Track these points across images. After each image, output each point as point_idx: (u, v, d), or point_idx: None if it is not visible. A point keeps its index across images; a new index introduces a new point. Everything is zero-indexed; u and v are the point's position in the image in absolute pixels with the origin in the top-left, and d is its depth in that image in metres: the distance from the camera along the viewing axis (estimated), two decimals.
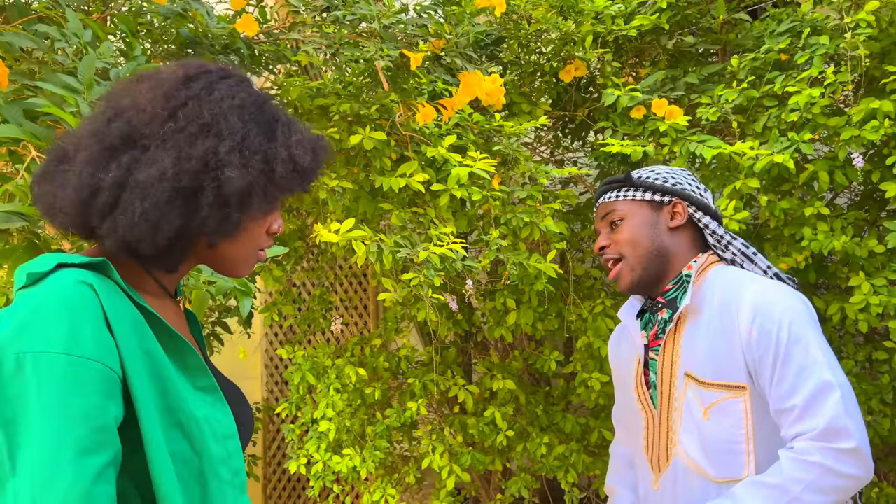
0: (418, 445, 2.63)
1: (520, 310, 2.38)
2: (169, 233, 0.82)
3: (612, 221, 1.42)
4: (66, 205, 0.82)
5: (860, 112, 1.99)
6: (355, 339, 2.83)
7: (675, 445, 1.35)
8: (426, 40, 2.05)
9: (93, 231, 0.84)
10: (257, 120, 0.88)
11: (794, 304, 1.26)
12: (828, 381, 1.20)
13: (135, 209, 0.80)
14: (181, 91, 0.85)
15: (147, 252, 0.83)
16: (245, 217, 0.88)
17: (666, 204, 1.40)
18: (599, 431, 2.58)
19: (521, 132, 2.20)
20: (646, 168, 1.47)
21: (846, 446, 1.17)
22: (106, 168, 0.81)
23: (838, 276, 2.32)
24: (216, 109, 0.84)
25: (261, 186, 0.86)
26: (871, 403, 2.38)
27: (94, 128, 0.84)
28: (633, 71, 2.60)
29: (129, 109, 0.84)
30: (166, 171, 0.81)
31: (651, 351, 1.42)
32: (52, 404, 0.72)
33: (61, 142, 0.87)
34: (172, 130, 0.83)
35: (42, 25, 1.26)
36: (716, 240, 1.41)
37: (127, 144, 0.82)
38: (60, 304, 0.76)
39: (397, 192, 2.02)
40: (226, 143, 0.84)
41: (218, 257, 0.92)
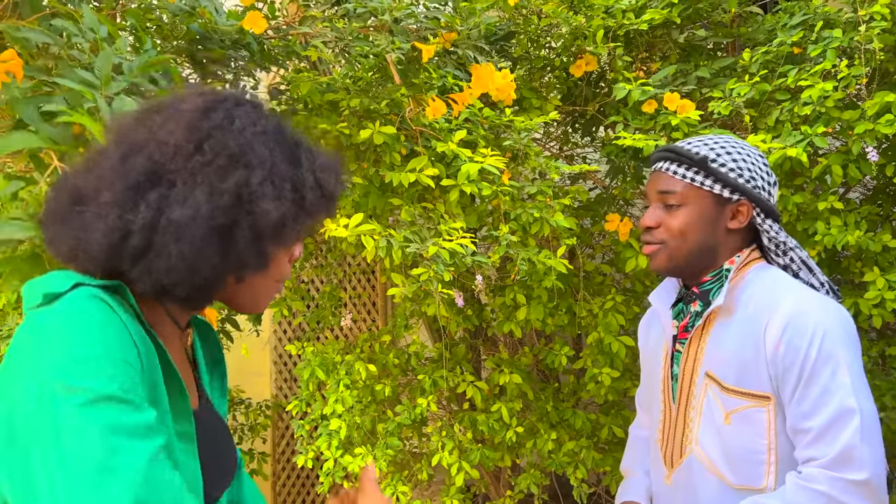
0: (428, 442, 2.63)
1: (530, 305, 2.37)
2: (206, 273, 0.79)
3: (668, 202, 1.31)
4: (92, 249, 0.77)
5: (874, 106, 1.98)
6: (365, 335, 2.83)
7: (690, 443, 1.32)
8: (436, 34, 2.04)
9: (120, 274, 0.79)
10: (281, 146, 0.85)
11: (830, 319, 1.19)
12: (849, 407, 1.14)
13: (171, 251, 0.76)
14: (203, 122, 0.81)
15: (181, 294, 0.80)
16: (277, 248, 0.85)
17: (732, 202, 1.29)
18: (610, 428, 2.57)
19: (531, 127, 2.19)
20: (719, 141, 1.31)
21: (856, 477, 1.12)
22: (134, 209, 0.77)
23: (852, 271, 2.30)
24: (241, 140, 0.81)
25: (293, 216, 0.83)
26: (884, 399, 2.37)
27: (111, 164, 0.80)
28: (643, 65, 2.58)
29: (147, 144, 0.80)
30: (200, 208, 0.77)
31: (678, 343, 1.38)
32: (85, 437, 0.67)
33: (72, 179, 0.82)
34: (200, 164, 0.79)
35: (58, 20, 1.26)
36: (774, 244, 1.32)
37: (152, 181, 0.78)
38: (93, 332, 0.71)
39: (407, 188, 2.01)
40: (256, 174, 0.80)
41: (242, 292, 0.88)
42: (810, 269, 1.33)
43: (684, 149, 1.30)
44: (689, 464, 1.33)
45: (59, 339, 0.70)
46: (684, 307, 1.38)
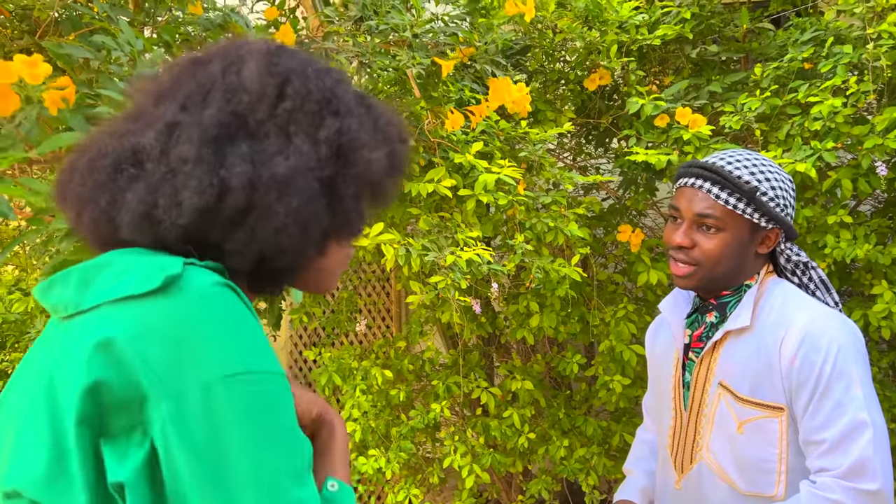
0: (441, 447, 2.68)
1: (543, 313, 2.42)
2: (316, 234, 0.69)
3: (705, 224, 1.29)
4: (182, 213, 0.64)
5: (883, 121, 2.02)
6: (380, 341, 2.88)
7: (700, 449, 1.36)
8: (455, 49, 2.10)
9: (200, 250, 0.67)
10: (356, 95, 0.76)
11: (843, 336, 1.23)
12: (862, 420, 1.18)
13: (278, 210, 0.65)
14: (276, 65, 0.71)
15: (284, 265, 0.70)
16: (372, 206, 0.76)
17: (766, 230, 1.31)
18: (621, 435, 2.61)
19: (545, 139, 2.24)
20: (758, 165, 1.30)
21: (869, 487, 1.15)
22: (224, 163, 0.65)
23: (862, 283, 2.33)
24: (322, 85, 0.72)
25: (388, 168, 0.75)
26: (894, 411, 2.39)
27: (171, 118, 0.68)
28: (656, 79, 2.63)
29: (212, 93, 0.69)
30: (305, 159, 0.68)
31: (691, 352, 1.41)
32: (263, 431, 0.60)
33: (114, 141, 0.69)
34: (288, 112, 0.69)
35: (97, 36, 1.33)
36: (793, 265, 1.36)
37: (236, 133, 0.67)
38: (235, 315, 0.62)
39: (425, 198, 2.07)
40: (349, 122, 0.71)
41: (320, 267, 0.77)
42: (827, 288, 1.37)
43: (731, 174, 1.28)
44: (699, 470, 1.37)
45: (222, 327, 0.61)
46: (699, 317, 1.41)
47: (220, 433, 0.58)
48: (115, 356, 0.58)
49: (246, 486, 0.58)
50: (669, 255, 1.36)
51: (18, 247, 2.72)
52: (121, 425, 0.59)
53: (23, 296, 2.59)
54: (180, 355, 0.58)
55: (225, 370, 0.59)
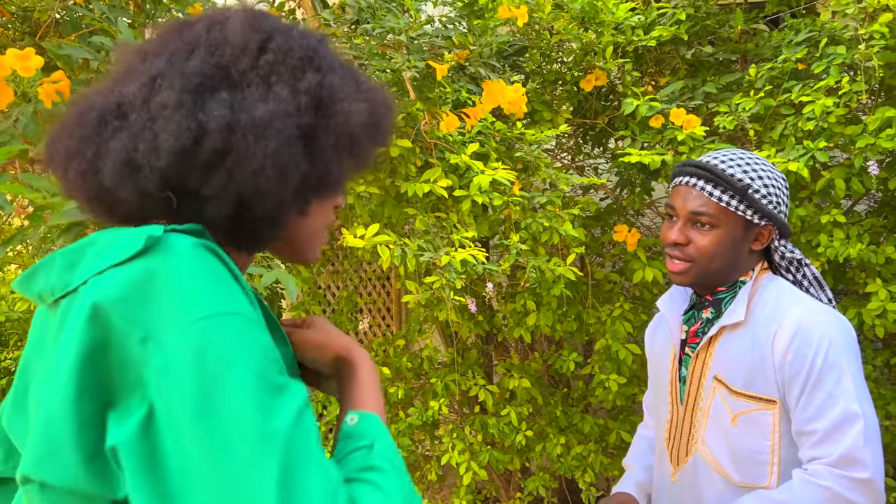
0: (440, 444, 2.70)
1: (539, 312, 2.44)
2: (295, 180, 0.69)
3: (700, 222, 1.32)
4: (159, 157, 0.65)
5: (876, 121, 2.03)
6: (379, 339, 2.91)
7: (696, 442, 1.38)
8: (450, 51, 2.12)
9: (181, 196, 0.68)
10: (340, 60, 0.77)
11: (834, 330, 1.26)
12: (853, 412, 1.20)
13: (255, 152, 0.66)
14: (261, 23, 0.73)
15: (263, 210, 0.69)
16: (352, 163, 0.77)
17: (760, 226, 1.33)
18: (618, 433, 2.63)
19: (541, 140, 2.26)
20: (751, 163, 1.32)
21: (860, 476, 1.18)
22: (203, 108, 0.66)
23: (856, 282, 2.35)
24: (304, 43, 0.73)
25: (370, 125, 0.76)
26: (889, 408, 2.41)
27: (156, 71, 0.69)
28: (652, 80, 2.65)
29: (197, 48, 0.70)
30: (284, 104, 0.68)
31: (687, 347, 1.43)
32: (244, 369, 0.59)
33: (100, 96, 0.70)
34: (270, 63, 0.70)
35: (97, 37, 1.36)
36: (787, 261, 1.38)
37: (218, 82, 0.68)
38: (209, 266, 0.63)
39: (421, 198, 2.09)
40: (331, 76, 0.73)
41: (301, 231, 0.78)
42: (821, 285, 1.39)
43: (724, 172, 1.30)
44: (694, 462, 1.39)
45: (194, 280, 0.61)
46: (696, 313, 1.44)
47: (203, 374, 0.58)
48: (104, 321, 0.59)
49: (231, 430, 0.57)
50: (665, 252, 1.39)
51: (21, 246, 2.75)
52: (119, 388, 0.60)
53: None
54: (159, 308, 0.59)
55: (198, 313, 0.59)
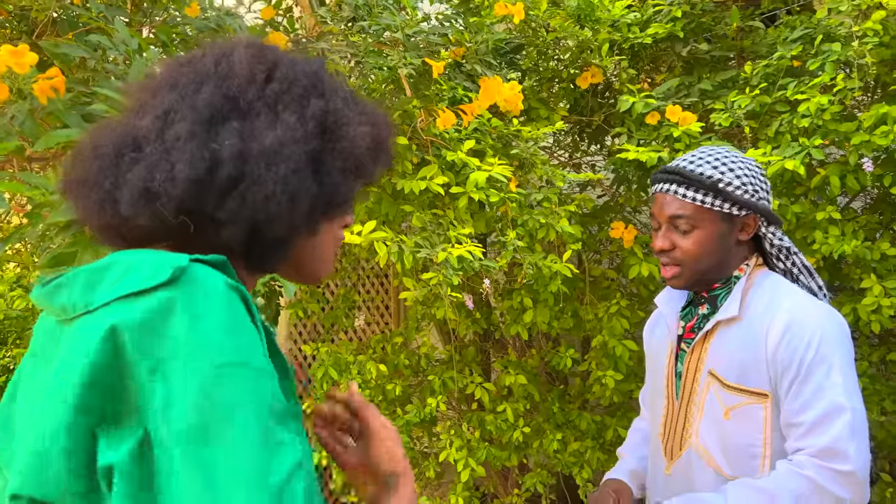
0: (438, 441, 2.71)
1: (536, 309, 2.45)
2: (305, 204, 0.72)
3: (679, 226, 1.34)
4: (175, 186, 0.68)
5: (870, 118, 2.04)
6: (377, 336, 2.91)
7: (690, 436, 1.40)
8: (447, 48, 2.13)
9: (196, 222, 0.70)
10: (342, 84, 0.81)
11: (827, 324, 1.27)
12: (840, 404, 1.21)
13: (267, 179, 0.69)
14: (265, 54, 0.76)
15: (275, 235, 0.72)
16: (358, 184, 0.81)
17: (741, 217, 1.33)
18: (615, 429, 2.63)
19: (538, 137, 2.27)
20: (720, 158, 1.34)
21: (842, 468, 1.19)
22: (216, 138, 0.70)
23: (851, 278, 2.36)
24: (308, 70, 0.77)
25: (373, 148, 0.79)
26: (884, 404, 2.41)
27: (168, 105, 0.73)
28: (648, 77, 2.66)
29: (206, 81, 0.73)
30: (293, 132, 0.72)
31: (683, 342, 1.45)
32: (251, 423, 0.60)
33: (112, 132, 0.74)
34: (277, 92, 0.74)
35: (93, 36, 1.37)
36: (777, 249, 1.38)
37: (228, 112, 0.72)
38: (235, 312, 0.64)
39: (418, 195, 2.10)
40: (335, 102, 0.76)
41: (311, 250, 0.81)
42: (810, 272, 1.40)
43: (693, 172, 1.32)
44: (688, 456, 1.40)
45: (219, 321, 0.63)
46: (692, 309, 1.46)
47: (206, 419, 0.59)
48: (118, 344, 0.60)
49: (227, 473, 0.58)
50: (659, 260, 1.41)
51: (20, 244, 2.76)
52: (118, 411, 0.61)
53: (24, 293, 2.62)
54: (175, 343, 0.60)
55: (220, 359, 0.60)
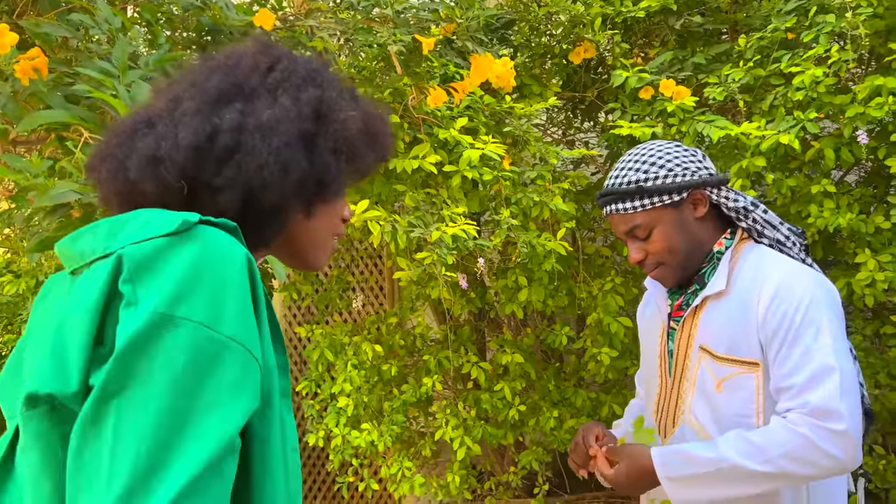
0: (434, 421, 2.71)
1: (531, 287, 2.44)
2: (297, 175, 0.79)
3: (638, 235, 1.37)
4: (178, 152, 0.75)
5: (865, 89, 2.02)
6: (372, 317, 2.91)
7: (682, 413, 1.40)
8: (438, 25, 2.10)
9: (195, 189, 0.76)
10: (343, 83, 0.88)
11: (815, 288, 1.28)
12: (830, 365, 1.22)
13: (262, 149, 0.76)
14: (270, 50, 0.85)
15: (268, 202, 0.78)
16: (349, 171, 0.87)
17: (686, 199, 1.35)
18: (610, 406, 2.64)
19: (531, 114, 2.25)
20: (639, 158, 1.38)
21: (836, 427, 1.20)
22: (218, 114, 0.78)
23: (846, 252, 2.36)
24: (308, 66, 0.85)
25: (365, 137, 0.86)
26: (878, 377, 2.43)
27: (180, 89, 0.82)
28: (642, 51, 2.63)
29: (216, 71, 0.82)
30: (288, 111, 0.79)
31: (672, 321, 1.46)
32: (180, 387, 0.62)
33: (131, 115, 0.82)
34: (278, 80, 0.82)
35: (75, 15, 1.34)
36: (734, 212, 1.39)
37: (232, 95, 0.80)
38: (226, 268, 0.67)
39: (411, 174, 2.08)
40: (330, 92, 0.84)
41: (306, 235, 0.87)
42: (773, 225, 1.40)
43: (621, 186, 1.36)
44: (681, 432, 1.41)
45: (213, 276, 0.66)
46: (680, 287, 1.46)
47: (117, 381, 0.61)
48: (116, 275, 0.66)
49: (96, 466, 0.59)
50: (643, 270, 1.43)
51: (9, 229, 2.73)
52: (109, 338, 0.65)
53: (14, 278, 2.60)
54: (158, 284, 0.64)
55: (175, 311, 0.63)
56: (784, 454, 1.21)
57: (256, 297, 0.70)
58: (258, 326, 0.70)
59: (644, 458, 1.31)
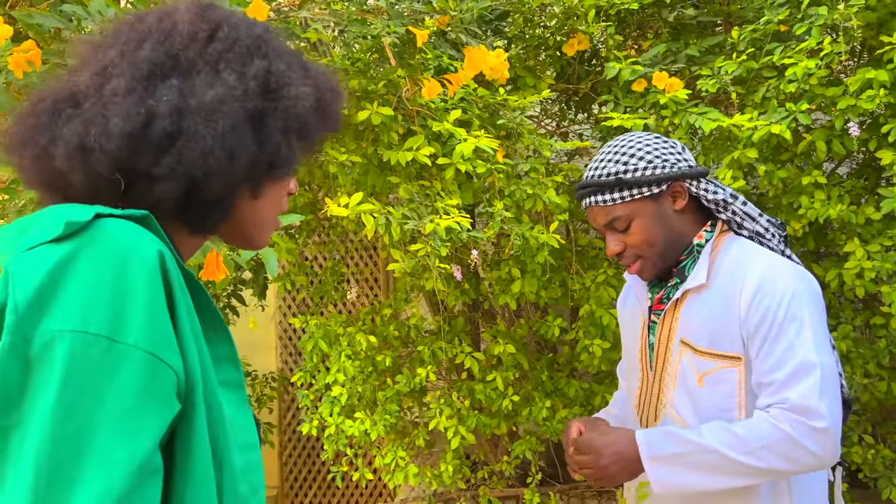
0: (427, 411, 2.73)
1: (524, 279, 2.45)
2: (244, 161, 0.72)
3: (617, 227, 1.37)
4: (110, 141, 0.66)
5: (857, 82, 2.04)
6: (367, 308, 2.92)
7: (664, 407, 1.41)
8: (432, 16, 2.10)
9: (132, 179, 0.69)
10: (288, 47, 0.80)
11: (797, 282, 1.28)
12: (811, 362, 1.23)
13: (205, 134, 0.68)
14: (208, 13, 0.75)
15: (213, 191, 0.71)
16: (300, 147, 0.80)
17: (665, 191, 1.35)
18: (602, 396, 2.66)
19: (524, 106, 2.25)
20: (619, 149, 1.37)
21: (817, 425, 1.21)
22: (153, 94, 0.68)
23: (837, 244, 2.38)
24: (252, 33, 0.76)
25: (316, 110, 0.78)
26: (868, 367, 2.45)
27: (107, 60, 0.71)
28: (635, 43, 2.64)
29: (147, 37, 0.72)
30: (232, 89, 0.71)
31: (653, 314, 1.46)
32: (75, 405, 0.56)
33: (52, 89, 0.72)
34: (219, 51, 0.73)
35: (68, 6, 1.33)
36: (714, 204, 1.39)
37: (168, 69, 0.71)
38: (126, 270, 0.61)
39: (404, 166, 2.09)
40: (279, 63, 0.76)
41: (251, 216, 0.80)
42: (753, 217, 1.40)
43: (600, 178, 1.36)
44: (663, 425, 1.41)
45: (87, 281, 0.59)
46: (660, 281, 1.46)
47: (34, 388, 0.57)
48: (7, 287, 0.60)
49: (24, 457, 0.55)
50: (621, 263, 1.43)
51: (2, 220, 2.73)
52: None
53: None
54: (43, 301, 0.58)
55: (66, 325, 0.57)
56: (765, 446, 1.22)
57: (172, 294, 0.64)
58: (177, 325, 0.64)
59: (627, 441, 1.31)
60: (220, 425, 0.67)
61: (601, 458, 1.32)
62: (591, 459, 1.33)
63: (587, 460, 1.34)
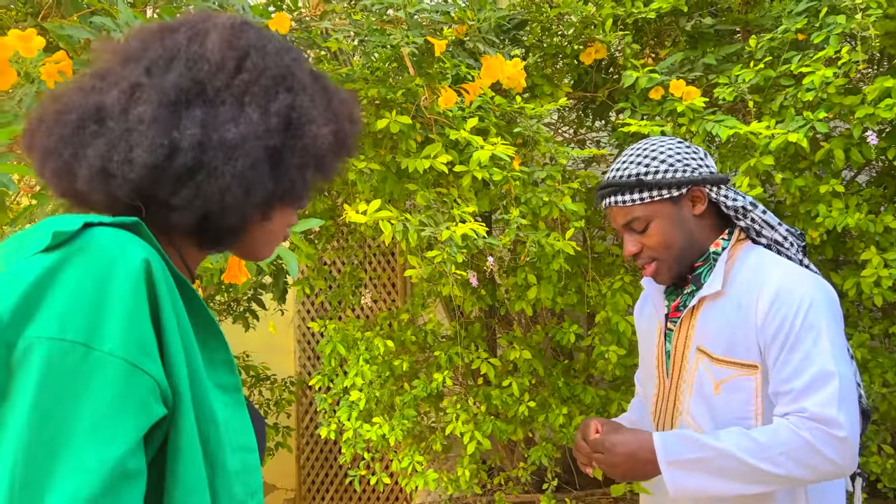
0: (444, 416, 2.75)
1: (540, 285, 2.47)
2: (259, 197, 0.74)
3: (636, 228, 1.38)
4: (133, 169, 0.68)
5: (875, 91, 2.03)
6: (384, 313, 2.95)
7: (680, 415, 1.41)
8: (450, 26, 2.13)
9: (150, 204, 0.71)
10: (312, 75, 0.81)
11: (815, 292, 1.28)
12: (829, 371, 1.22)
13: (224, 171, 0.70)
14: (238, 39, 0.75)
15: (229, 223, 0.74)
16: (317, 178, 0.82)
17: (685, 195, 1.36)
18: (619, 403, 2.67)
19: (541, 114, 2.27)
20: (641, 152, 1.39)
21: (836, 433, 1.21)
22: (177, 126, 0.70)
23: (855, 252, 2.37)
24: (280, 62, 0.77)
25: (335, 145, 0.80)
26: (886, 376, 2.44)
27: (134, 80, 0.72)
28: (652, 52, 2.65)
29: (176, 59, 0.73)
30: (254, 127, 0.73)
31: (669, 322, 1.46)
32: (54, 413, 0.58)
33: (80, 97, 0.73)
34: (245, 83, 0.74)
35: (97, 17, 1.38)
36: (733, 211, 1.39)
37: (193, 98, 0.72)
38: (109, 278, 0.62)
39: (422, 174, 2.11)
40: (302, 99, 0.77)
41: (259, 234, 0.82)
42: (772, 226, 1.40)
43: (621, 178, 1.37)
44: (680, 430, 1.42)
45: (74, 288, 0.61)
46: (677, 288, 1.47)
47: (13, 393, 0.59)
48: None
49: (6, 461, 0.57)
50: (637, 264, 1.44)
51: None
52: None
53: None
54: (28, 309, 0.60)
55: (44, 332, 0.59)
56: (785, 453, 1.22)
57: (158, 301, 0.65)
58: (161, 332, 0.65)
59: (645, 442, 1.31)
60: (211, 427, 0.69)
61: (613, 456, 1.33)
62: (604, 457, 1.34)
63: (600, 458, 1.36)
